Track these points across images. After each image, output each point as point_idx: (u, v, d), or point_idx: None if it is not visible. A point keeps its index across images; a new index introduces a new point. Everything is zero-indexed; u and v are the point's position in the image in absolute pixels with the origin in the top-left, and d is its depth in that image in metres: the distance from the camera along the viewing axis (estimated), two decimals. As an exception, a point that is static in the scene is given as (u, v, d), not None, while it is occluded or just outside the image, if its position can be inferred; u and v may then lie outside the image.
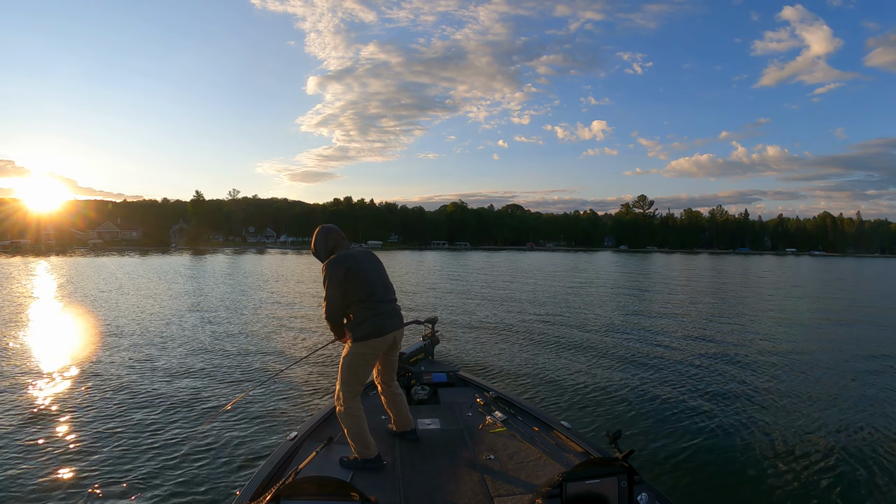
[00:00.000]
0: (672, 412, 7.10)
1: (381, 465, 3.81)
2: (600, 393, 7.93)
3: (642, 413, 7.06)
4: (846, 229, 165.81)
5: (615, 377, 8.88)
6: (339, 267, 3.89)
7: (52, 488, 4.70)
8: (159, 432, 6.07)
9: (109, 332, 12.46)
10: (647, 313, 17.24)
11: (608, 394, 7.90)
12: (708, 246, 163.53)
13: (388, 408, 4.34)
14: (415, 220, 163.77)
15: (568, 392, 7.93)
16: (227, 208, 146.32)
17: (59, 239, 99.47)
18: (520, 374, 8.94)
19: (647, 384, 8.45)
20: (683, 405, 7.38)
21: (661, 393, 7.97)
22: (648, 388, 8.20)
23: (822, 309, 19.98)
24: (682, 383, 8.54)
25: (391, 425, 4.37)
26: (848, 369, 9.65)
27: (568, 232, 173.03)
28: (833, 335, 13.61)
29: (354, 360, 3.95)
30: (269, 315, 15.70)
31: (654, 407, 7.31)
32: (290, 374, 8.66)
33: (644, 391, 8.06)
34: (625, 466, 2.96)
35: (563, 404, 7.36)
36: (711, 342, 12.13)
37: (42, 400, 7.22)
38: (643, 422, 6.72)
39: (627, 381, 8.60)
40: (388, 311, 4.06)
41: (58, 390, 7.71)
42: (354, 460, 3.81)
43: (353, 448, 3.84)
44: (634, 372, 9.25)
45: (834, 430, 6.52)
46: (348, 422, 3.85)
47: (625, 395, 7.81)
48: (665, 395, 7.84)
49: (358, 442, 3.82)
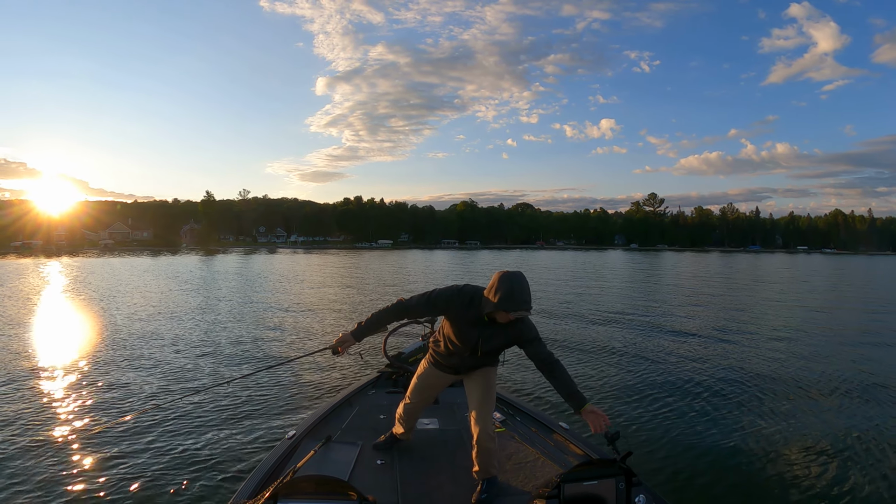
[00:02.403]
0: (671, 414, 7.06)
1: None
2: (599, 394, 7.90)
3: (641, 414, 7.02)
4: (857, 227, 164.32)
5: (614, 378, 8.85)
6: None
7: (47, 487, 4.72)
8: (157, 430, 6.08)
9: (111, 331, 12.56)
10: (650, 313, 17.13)
11: (607, 394, 7.88)
12: (719, 244, 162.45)
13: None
14: (425, 220, 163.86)
15: None
16: (238, 208, 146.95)
17: (70, 240, 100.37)
18: (518, 374, 8.90)
19: (646, 385, 8.41)
20: (683, 407, 7.34)
21: (660, 394, 7.93)
22: (647, 389, 8.16)
23: (828, 309, 19.76)
24: (682, 384, 8.47)
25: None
26: (852, 371, 9.52)
27: (578, 230, 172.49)
28: (839, 337, 13.40)
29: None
30: (273, 314, 15.76)
31: (653, 408, 7.27)
32: (289, 373, 8.72)
33: (643, 392, 8.02)
34: (623, 468, 2.93)
35: (562, 405, 7.23)
36: (712, 343, 12.02)
37: (33, 397, 7.28)
38: (642, 423, 6.68)
39: (626, 382, 8.56)
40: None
41: (52, 388, 7.78)
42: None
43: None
44: (634, 372, 9.21)
45: (835, 431, 6.45)
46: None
47: (623, 396, 7.79)
48: (664, 397, 7.80)
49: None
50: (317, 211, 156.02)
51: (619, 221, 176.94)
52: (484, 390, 3.58)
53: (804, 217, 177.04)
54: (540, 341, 3.41)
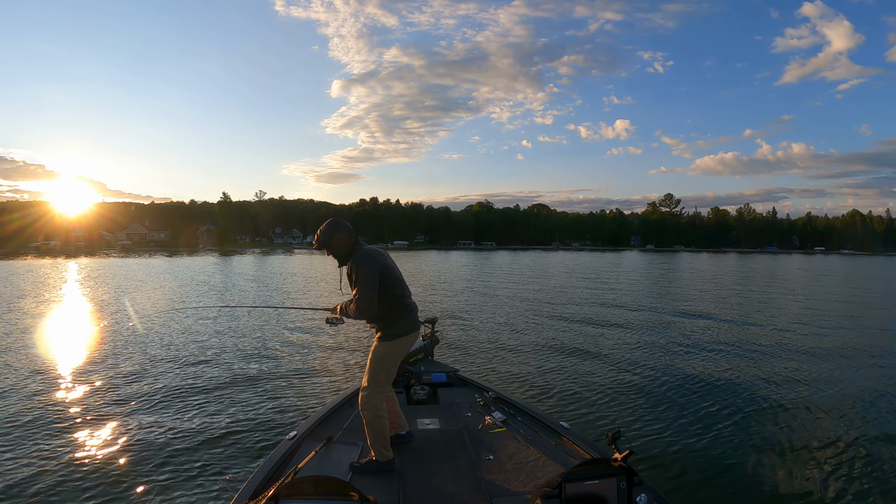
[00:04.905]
0: (672, 413, 7.04)
1: (394, 469, 3.78)
2: (600, 394, 7.87)
3: (642, 414, 7.00)
4: (875, 227, 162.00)
5: (615, 378, 8.80)
6: (375, 266, 3.82)
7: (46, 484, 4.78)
8: (158, 431, 6.13)
9: (115, 330, 12.73)
10: (658, 315, 16.96)
11: (608, 395, 7.84)
12: (736, 245, 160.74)
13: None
14: (441, 221, 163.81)
15: (567, 393, 7.89)
16: (254, 209, 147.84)
17: (87, 240, 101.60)
18: (519, 374, 8.89)
19: (647, 385, 8.37)
20: (683, 406, 7.32)
21: (661, 394, 7.90)
22: (649, 389, 8.13)
23: (839, 312, 19.42)
24: (683, 385, 8.41)
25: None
26: (858, 375, 9.36)
27: (594, 231, 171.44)
28: (844, 338, 13.07)
29: (387, 360, 3.94)
30: (282, 313, 15.79)
31: (653, 408, 7.25)
32: (290, 373, 8.78)
33: (644, 392, 7.99)
34: (624, 467, 2.94)
35: (563, 405, 7.31)
36: (716, 344, 11.86)
37: (36, 397, 7.37)
38: (643, 423, 6.66)
39: (627, 382, 8.52)
40: (414, 305, 4.11)
41: (51, 388, 7.86)
42: (369, 463, 3.78)
43: (372, 451, 3.81)
44: (635, 373, 9.16)
45: (835, 432, 6.41)
46: (375, 423, 3.81)
47: (625, 396, 7.76)
48: (665, 397, 7.77)
49: (380, 443, 3.80)
50: (332, 212, 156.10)
51: (636, 222, 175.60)
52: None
53: (821, 218, 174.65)
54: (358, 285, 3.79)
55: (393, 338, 3.91)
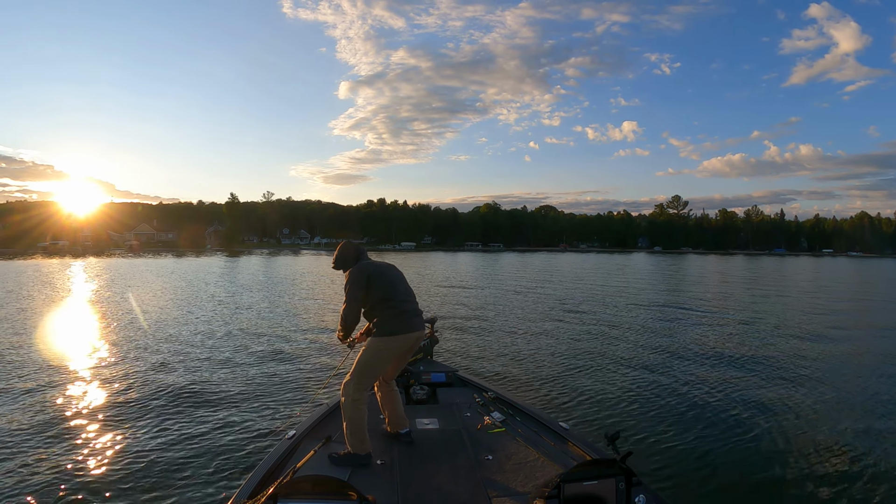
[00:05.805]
0: (671, 414, 7.04)
1: (370, 463, 3.81)
2: (599, 394, 7.88)
3: (641, 415, 7.00)
4: (884, 229, 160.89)
5: (615, 379, 8.80)
6: (362, 271, 4.07)
7: (46, 484, 4.78)
8: (157, 430, 6.16)
9: (118, 330, 12.83)
10: (657, 316, 16.96)
11: (607, 395, 7.84)
12: (744, 247, 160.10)
13: (382, 407, 4.36)
14: (448, 222, 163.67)
15: (567, 393, 7.91)
16: (262, 210, 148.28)
17: (95, 241, 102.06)
18: (519, 374, 8.91)
19: (646, 386, 8.37)
20: (683, 407, 7.32)
21: (660, 395, 7.90)
22: (648, 391, 8.12)
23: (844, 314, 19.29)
24: (682, 386, 8.41)
25: (386, 426, 4.37)
26: (858, 375, 9.36)
27: (601, 233, 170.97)
28: (847, 341, 12.99)
29: (374, 355, 4.01)
30: (282, 313, 15.90)
31: (653, 409, 7.26)
32: (289, 372, 8.81)
33: (643, 393, 7.99)
34: (623, 468, 2.92)
35: (562, 405, 7.32)
36: (716, 346, 11.84)
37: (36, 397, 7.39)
38: (642, 424, 6.66)
39: (627, 383, 8.51)
40: (411, 310, 4.16)
41: (54, 387, 7.89)
42: (347, 455, 3.81)
43: (347, 442, 3.85)
44: (634, 374, 9.16)
45: (836, 433, 6.39)
46: (352, 413, 3.88)
47: (624, 397, 7.76)
48: (664, 398, 7.76)
49: (355, 436, 3.84)
50: (340, 213, 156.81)
51: (643, 224, 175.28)
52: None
53: (829, 219, 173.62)
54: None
55: (382, 335, 4.01)
